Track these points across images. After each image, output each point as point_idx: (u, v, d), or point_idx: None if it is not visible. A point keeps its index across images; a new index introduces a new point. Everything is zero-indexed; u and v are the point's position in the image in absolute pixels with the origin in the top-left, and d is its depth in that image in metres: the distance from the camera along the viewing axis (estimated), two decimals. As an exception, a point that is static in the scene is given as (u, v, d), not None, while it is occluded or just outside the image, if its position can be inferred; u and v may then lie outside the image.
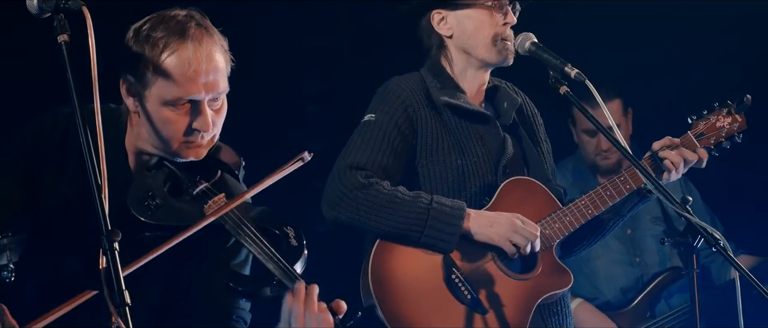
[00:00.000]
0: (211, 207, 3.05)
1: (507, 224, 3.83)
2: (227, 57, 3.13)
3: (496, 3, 3.95)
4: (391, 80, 4.02)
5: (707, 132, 4.10)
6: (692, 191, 5.62)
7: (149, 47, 3.02)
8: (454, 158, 3.92)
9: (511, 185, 3.94)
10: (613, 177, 3.99)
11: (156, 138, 3.11)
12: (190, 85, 3.03)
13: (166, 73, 3.02)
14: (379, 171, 3.84)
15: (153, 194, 3.06)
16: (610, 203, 3.98)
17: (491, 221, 3.84)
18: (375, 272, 3.79)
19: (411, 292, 3.80)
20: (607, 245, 5.38)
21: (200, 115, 3.07)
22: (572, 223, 3.94)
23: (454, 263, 3.83)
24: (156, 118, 3.07)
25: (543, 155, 4.12)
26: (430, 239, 3.79)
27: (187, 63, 3.02)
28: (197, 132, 3.09)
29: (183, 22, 3.06)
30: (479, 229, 3.83)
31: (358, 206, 3.78)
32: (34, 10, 2.82)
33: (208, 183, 3.14)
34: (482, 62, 4.01)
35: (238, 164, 3.26)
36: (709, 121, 4.11)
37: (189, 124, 3.07)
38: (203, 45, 3.05)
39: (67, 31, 2.75)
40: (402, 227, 3.78)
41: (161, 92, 3.04)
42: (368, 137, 3.89)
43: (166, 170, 3.13)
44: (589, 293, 5.47)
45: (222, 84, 3.09)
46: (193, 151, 3.12)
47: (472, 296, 3.81)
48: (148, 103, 3.07)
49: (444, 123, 3.95)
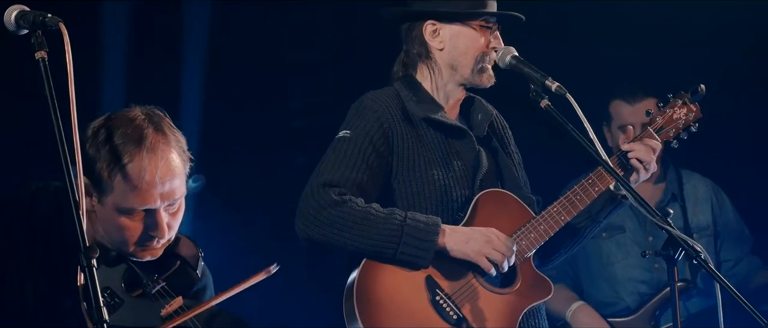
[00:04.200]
0: (167, 310, 3.02)
1: (482, 240, 3.82)
2: (185, 158, 3.09)
3: (489, 25, 3.97)
4: (366, 95, 4.00)
5: (666, 125, 4.10)
6: (724, 200, 5.63)
7: (106, 154, 2.98)
8: (432, 173, 3.91)
9: (484, 198, 3.93)
10: (582, 181, 3.99)
11: (111, 239, 3.07)
12: (145, 195, 2.99)
13: (120, 183, 2.98)
14: (353, 188, 3.81)
15: (111, 292, 3.04)
16: (581, 207, 3.97)
17: (467, 237, 3.82)
18: (360, 296, 3.77)
19: (397, 315, 3.78)
20: (628, 250, 5.40)
21: (156, 223, 3.03)
22: (547, 231, 3.93)
23: (437, 284, 3.83)
24: (111, 222, 3.03)
25: (515, 167, 4.12)
26: (404, 256, 3.78)
27: (142, 174, 2.98)
28: (153, 238, 3.06)
29: (140, 128, 3.00)
30: (455, 245, 3.82)
31: (331, 223, 3.76)
32: (12, 27, 2.83)
33: (165, 281, 3.10)
34: (465, 80, 4.01)
35: (196, 257, 3.22)
36: (665, 114, 4.12)
37: (144, 231, 3.04)
38: (158, 154, 3.00)
39: (45, 48, 2.75)
40: (377, 244, 3.76)
41: (116, 200, 3.00)
42: (342, 154, 3.86)
43: (124, 266, 3.10)
44: (609, 297, 5.48)
45: (179, 190, 3.06)
46: (148, 252, 3.09)
47: (458, 315, 3.81)
48: (103, 207, 3.02)
49: (421, 137, 3.94)
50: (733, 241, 5.62)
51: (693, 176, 5.65)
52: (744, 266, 5.60)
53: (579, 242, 4.14)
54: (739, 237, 5.64)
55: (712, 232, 5.58)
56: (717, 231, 5.59)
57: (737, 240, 5.63)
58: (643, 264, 5.41)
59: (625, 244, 5.48)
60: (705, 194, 5.62)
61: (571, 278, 5.53)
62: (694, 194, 5.60)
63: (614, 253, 5.49)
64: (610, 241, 5.48)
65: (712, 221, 5.58)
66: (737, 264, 5.59)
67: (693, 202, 5.58)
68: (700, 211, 5.58)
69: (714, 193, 5.63)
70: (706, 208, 5.60)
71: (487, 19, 3.97)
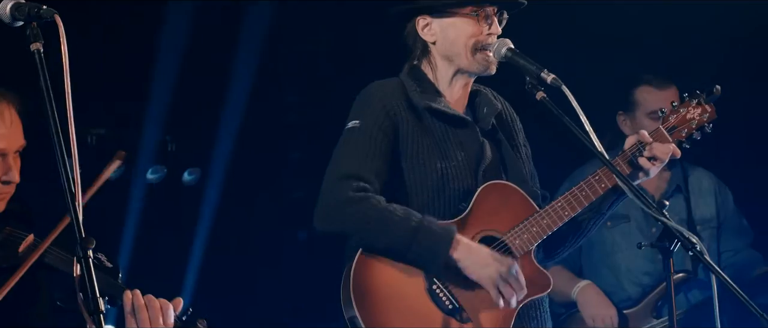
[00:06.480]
0: (24, 246, 3.16)
1: (499, 271, 3.79)
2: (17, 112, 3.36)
3: (480, 12, 3.95)
4: (371, 85, 4.02)
5: (679, 125, 4.07)
6: (727, 194, 5.65)
7: None
8: (434, 162, 3.92)
9: (487, 190, 3.92)
10: (588, 177, 3.99)
11: None
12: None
13: None
14: (371, 176, 3.84)
15: None
16: (585, 204, 3.96)
17: (485, 261, 3.80)
18: (356, 283, 3.78)
19: (392, 303, 3.79)
20: (632, 240, 5.39)
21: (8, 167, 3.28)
22: (549, 226, 3.93)
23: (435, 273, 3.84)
24: None
25: (522, 160, 4.11)
26: (413, 262, 3.79)
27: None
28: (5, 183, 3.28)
29: None
30: (470, 264, 3.80)
31: (348, 221, 3.79)
32: (7, 19, 2.84)
33: (11, 226, 3.28)
34: (464, 70, 4.01)
35: (26, 205, 3.40)
36: (679, 113, 4.09)
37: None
38: None
39: (40, 40, 2.77)
40: (390, 246, 3.78)
41: None
42: (355, 144, 3.89)
43: None
44: (611, 286, 5.49)
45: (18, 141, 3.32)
46: None
47: (454, 305, 3.81)
48: None
49: (424, 127, 3.95)
50: (733, 232, 5.63)
51: (697, 169, 5.66)
52: (744, 256, 5.61)
53: (584, 235, 4.14)
54: (739, 229, 5.65)
55: (715, 224, 5.59)
56: (719, 223, 5.61)
57: (737, 232, 5.64)
58: (646, 255, 5.42)
59: (629, 234, 5.49)
60: (709, 186, 5.63)
61: (573, 265, 5.53)
62: (699, 186, 5.61)
63: (618, 242, 5.50)
64: (614, 230, 5.49)
65: (716, 214, 5.60)
66: (738, 254, 5.60)
67: (697, 194, 5.59)
68: (704, 203, 5.60)
69: (718, 186, 5.64)
70: (709, 200, 5.61)
71: (476, 6, 3.96)
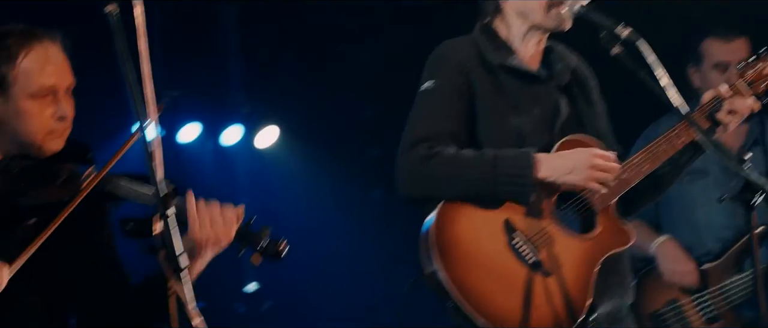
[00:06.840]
0: (87, 182, 3.17)
1: (586, 166, 3.78)
2: None
3: None
4: (443, 44, 4.02)
5: (756, 79, 4.00)
6: None
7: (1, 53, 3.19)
8: (510, 119, 3.91)
9: (567, 144, 3.90)
10: (667, 132, 3.94)
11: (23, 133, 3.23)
12: (50, 74, 3.22)
13: (26, 69, 3.19)
14: (446, 138, 3.84)
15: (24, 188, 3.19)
16: (664, 158, 3.93)
17: (569, 167, 3.80)
18: (438, 239, 3.78)
19: (474, 257, 3.80)
20: (711, 195, 5.28)
21: (62, 105, 3.25)
22: (629, 180, 3.91)
23: (515, 227, 3.83)
24: (21, 116, 3.21)
25: (597, 115, 4.09)
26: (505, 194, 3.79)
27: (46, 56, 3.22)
28: (61, 120, 3.24)
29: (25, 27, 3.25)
30: (558, 177, 3.80)
31: (427, 178, 3.80)
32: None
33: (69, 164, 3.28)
34: (538, 27, 3.99)
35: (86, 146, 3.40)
36: (756, 67, 4.01)
37: (51, 117, 3.23)
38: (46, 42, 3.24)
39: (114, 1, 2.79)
40: (472, 188, 3.79)
41: (24, 86, 3.19)
42: (429, 106, 3.90)
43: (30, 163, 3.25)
44: (690, 241, 5.42)
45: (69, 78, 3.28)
46: (56, 138, 3.26)
47: (535, 259, 3.81)
48: (10, 102, 3.21)
49: (499, 84, 3.94)
50: None
51: (775, 120, 5.56)
52: None
53: (663, 190, 4.12)
54: None
55: None
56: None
57: None
58: (726, 209, 5.29)
59: (708, 188, 5.40)
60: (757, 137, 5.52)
61: (651, 221, 5.47)
62: None
63: (697, 197, 5.42)
64: (692, 185, 5.40)
65: None
66: None
67: (775, 146, 5.49)
68: (783, 155, 5.49)
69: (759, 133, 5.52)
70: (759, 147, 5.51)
71: None
